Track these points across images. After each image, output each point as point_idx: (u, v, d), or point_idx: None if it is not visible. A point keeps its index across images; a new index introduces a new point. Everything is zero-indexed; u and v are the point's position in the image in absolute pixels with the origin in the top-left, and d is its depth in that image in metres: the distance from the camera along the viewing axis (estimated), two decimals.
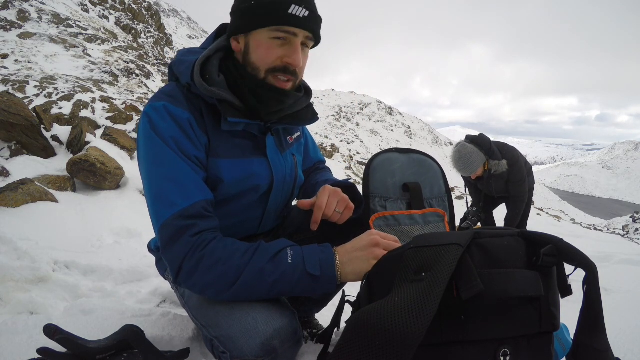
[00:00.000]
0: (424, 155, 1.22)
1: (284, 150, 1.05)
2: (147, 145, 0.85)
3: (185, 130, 0.86)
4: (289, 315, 0.86)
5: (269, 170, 0.99)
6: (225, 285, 0.78)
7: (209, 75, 0.89)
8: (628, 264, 3.43)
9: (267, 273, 0.78)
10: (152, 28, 27.27)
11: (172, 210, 0.80)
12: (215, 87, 0.88)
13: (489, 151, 2.83)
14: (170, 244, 0.80)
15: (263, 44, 0.88)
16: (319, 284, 0.81)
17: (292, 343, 0.85)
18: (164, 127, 0.85)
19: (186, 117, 0.87)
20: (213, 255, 0.78)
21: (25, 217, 2.40)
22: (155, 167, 0.84)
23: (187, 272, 0.79)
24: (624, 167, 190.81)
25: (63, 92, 7.16)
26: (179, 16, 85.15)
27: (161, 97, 0.90)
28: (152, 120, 0.86)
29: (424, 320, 0.61)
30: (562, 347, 0.99)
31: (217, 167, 0.91)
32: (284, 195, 1.09)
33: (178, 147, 0.85)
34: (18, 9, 16.05)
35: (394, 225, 1.10)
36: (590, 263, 0.72)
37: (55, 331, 1.00)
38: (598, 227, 16.92)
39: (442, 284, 0.65)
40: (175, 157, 0.83)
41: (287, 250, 0.82)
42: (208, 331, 0.87)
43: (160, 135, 0.84)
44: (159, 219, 0.81)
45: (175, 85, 0.94)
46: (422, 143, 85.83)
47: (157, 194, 0.83)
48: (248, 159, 0.96)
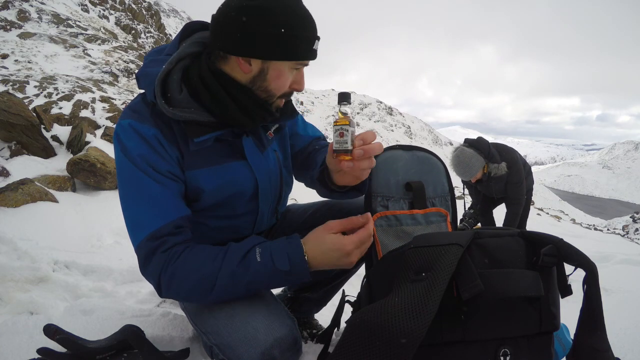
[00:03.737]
0: (428, 153, 1.20)
1: (264, 149, 1.01)
2: (120, 167, 0.85)
3: (153, 146, 0.84)
4: (289, 324, 0.86)
5: (250, 173, 0.96)
6: (204, 291, 0.79)
7: (170, 93, 0.84)
8: (628, 264, 3.43)
9: (239, 275, 0.79)
10: (152, 28, 27.27)
11: (144, 232, 0.81)
12: (177, 108, 0.83)
13: (488, 154, 2.83)
14: (146, 264, 0.81)
15: (284, 74, 0.85)
16: (291, 277, 0.81)
17: (292, 352, 0.85)
18: (131, 146, 0.84)
19: (152, 134, 0.84)
20: (185, 266, 0.79)
21: (25, 217, 2.40)
22: (127, 189, 0.84)
23: (166, 286, 0.80)
24: (624, 167, 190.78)
25: (63, 92, 7.16)
26: (179, 16, 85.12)
27: (128, 114, 0.88)
28: (121, 141, 0.85)
29: (424, 320, 0.61)
30: (562, 347, 0.99)
31: (195, 178, 0.90)
32: (272, 193, 1.06)
33: (148, 164, 0.83)
34: (18, 9, 16.06)
35: (395, 225, 1.09)
36: (590, 263, 0.72)
37: (55, 331, 1.00)
38: (598, 227, 16.92)
39: (442, 284, 0.65)
40: (144, 178, 0.82)
41: (256, 249, 0.81)
42: (208, 338, 0.87)
43: (129, 155, 0.83)
44: (134, 241, 0.83)
45: (140, 98, 0.91)
46: (422, 143, 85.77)
47: (130, 216, 0.84)
48: (226, 164, 0.93)
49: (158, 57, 0.90)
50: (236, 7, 0.79)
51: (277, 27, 0.78)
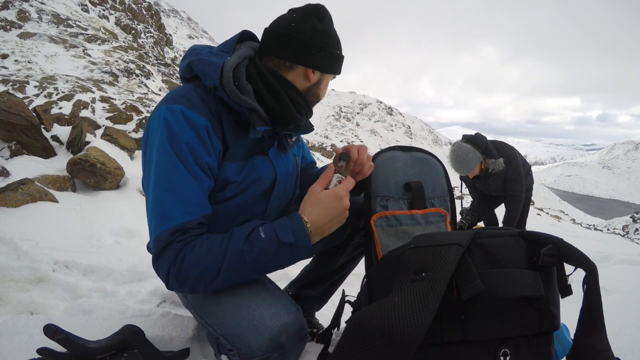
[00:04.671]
0: (427, 154, 1.21)
1: (286, 151, 1.08)
2: (160, 152, 0.85)
3: (202, 136, 0.86)
4: (295, 311, 0.87)
5: (271, 167, 1.01)
6: (212, 275, 0.80)
7: (239, 82, 0.91)
8: (628, 264, 3.43)
9: (246, 253, 0.81)
10: (152, 28, 27.27)
11: (169, 224, 0.81)
12: (246, 96, 0.90)
13: (485, 150, 2.83)
14: (160, 254, 0.82)
15: (327, 85, 1.08)
16: (296, 251, 0.84)
17: (299, 338, 0.86)
18: (179, 132, 0.85)
19: (203, 124, 0.87)
20: (193, 252, 0.80)
21: (25, 217, 2.39)
22: (163, 176, 0.84)
23: (175, 275, 0.80)
24: (624, 167, 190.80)
25: (63, 92, 7.16)
26: (179, 16, 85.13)
27: (178, 100, 0.89)
28: (169, 124, 0.85)
29: (424, 320, 0.61)
30: (562, 347, 0.99)
31: (226, 171, 0.93)
32: (286, 192, 1.10)
33: (191, 153, 0.85)
34: (18, 9, 16.05)
35: (395, 225, 1.10)
36: (590, 263, 0.72)
37: (55, 331, 1.00)
38: (598, 227, 16.92)
39: (442, 284, 0.65)
40: (182, 170, 0.84)
41: (259, 228, 0.85)
42: (214, 329, 0.88)
43: (175, 141, 0.84)
44: (156, 229, 0.83)
45: (192, 87, 0.93)
46: (422, 143, 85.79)
47: (159, 204, 0.83)
48: (252, 158, 0.98)
49: (212, 51, 0.98)
50: (309, 28, 0.96)
51: (335, 49, 1.01)
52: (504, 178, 2.96)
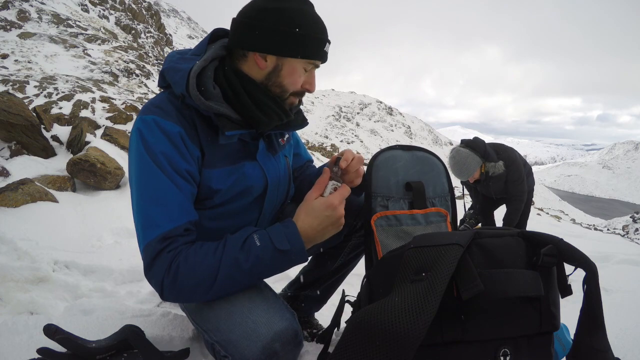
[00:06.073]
0: (428, 153, 1.20)
1: (276, 153, 1.05)
2: (138, 163, 0.85)
3: (176, 144, 0.86)
4: (289, 318, 0.86)
5: (261, 173, 0.99)
6: (208, 285, 0.80)
7: (205, 87, 0.87)
8: (628, 264, 3.43)
9: (242, 261, 0.80)
10: (152, 28, 27.27)
11: (156, 232, 0.81)
12: (212, 101, 0.87)
13: (484, 153, 2.83)
14: (152, 264, 0.81)
15: (296, 72, 0.92)
16: (292, 257, 0.84)
17: (293, 346, 0.85)
18: (153, 141, 0.84)
19: (177, 131, 0.86)
20: (187, 262, 0.79)
21: (25, 217, 2.40)
22: (144, 187, 0.84)
23: (169, 286, 0.80)
24: (624, 167, 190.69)
25: (63, 92, 7.15)
26: (179, 16, 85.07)
27: (151, 110, 0.88)
28: (143, 136, 0.85)
29: (424, 320, 0.61)
30: (562, 347, 0.99)
31: (210, 178, 0.91)
32: (279, 196, 1.09)
33: (168, 162, 0.84)
34: (18, 9, 16.05)
35: (395, 225, 1.09)
36: (590, 263, 0.72)
37: (55, 331, 1.00)
38: (598, 227, 16.90)
39: (442, 284, 0.65)
40: (162, 177, 0.83)
41: (253, 235, 0.84)
42: (209, 335, 0.87)
43: (150, 151, 0.84)
44: (144, 239, 0.82)
45: (165, 95, 0.92)
46: (422, 143, 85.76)
47: (143, 214, 0.83)
48: (239, 164, 0.96)
49: (184, 56, 0.94)
50: (256, 9, 0.87)
51: (292, 27, 0.86)
52: (505, 180, 2.95)
